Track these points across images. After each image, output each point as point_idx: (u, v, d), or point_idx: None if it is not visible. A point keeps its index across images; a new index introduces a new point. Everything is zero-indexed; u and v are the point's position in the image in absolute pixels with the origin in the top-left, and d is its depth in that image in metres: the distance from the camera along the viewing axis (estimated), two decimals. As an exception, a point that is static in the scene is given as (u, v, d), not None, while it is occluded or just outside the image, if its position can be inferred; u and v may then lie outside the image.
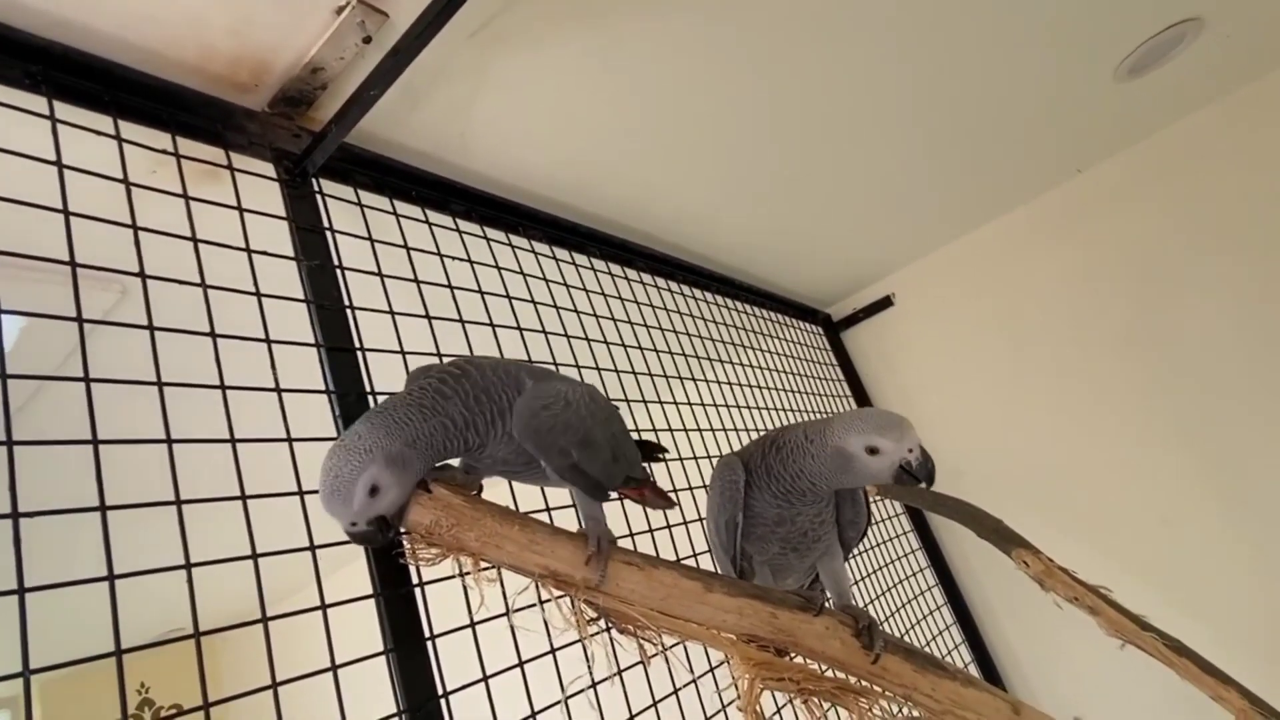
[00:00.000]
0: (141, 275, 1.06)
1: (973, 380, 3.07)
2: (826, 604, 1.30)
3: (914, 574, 2.84)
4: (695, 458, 2.02)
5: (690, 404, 2.16)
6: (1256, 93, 2.49)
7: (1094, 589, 1.68)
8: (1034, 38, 1.96)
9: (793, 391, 2.82)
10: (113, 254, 1.08)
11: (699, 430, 2.12)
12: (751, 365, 2.66)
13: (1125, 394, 2.69)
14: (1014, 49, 1.98)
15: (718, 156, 2.09)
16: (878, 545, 2.70)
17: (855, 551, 2.50)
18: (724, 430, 2.24)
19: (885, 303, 3.32)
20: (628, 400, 1.85)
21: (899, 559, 2.79)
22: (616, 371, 1.87)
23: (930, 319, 3.22)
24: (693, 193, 2.23)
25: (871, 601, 2.46)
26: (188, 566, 0.91)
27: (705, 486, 1.96)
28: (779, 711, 1.67)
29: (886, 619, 2.48)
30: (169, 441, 0.95)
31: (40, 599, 0.82)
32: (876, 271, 3.31)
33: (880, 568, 2.62)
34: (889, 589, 2.60)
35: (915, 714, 1.24)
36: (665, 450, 1.52)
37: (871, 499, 2.60)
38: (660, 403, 2.01)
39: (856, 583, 2.44)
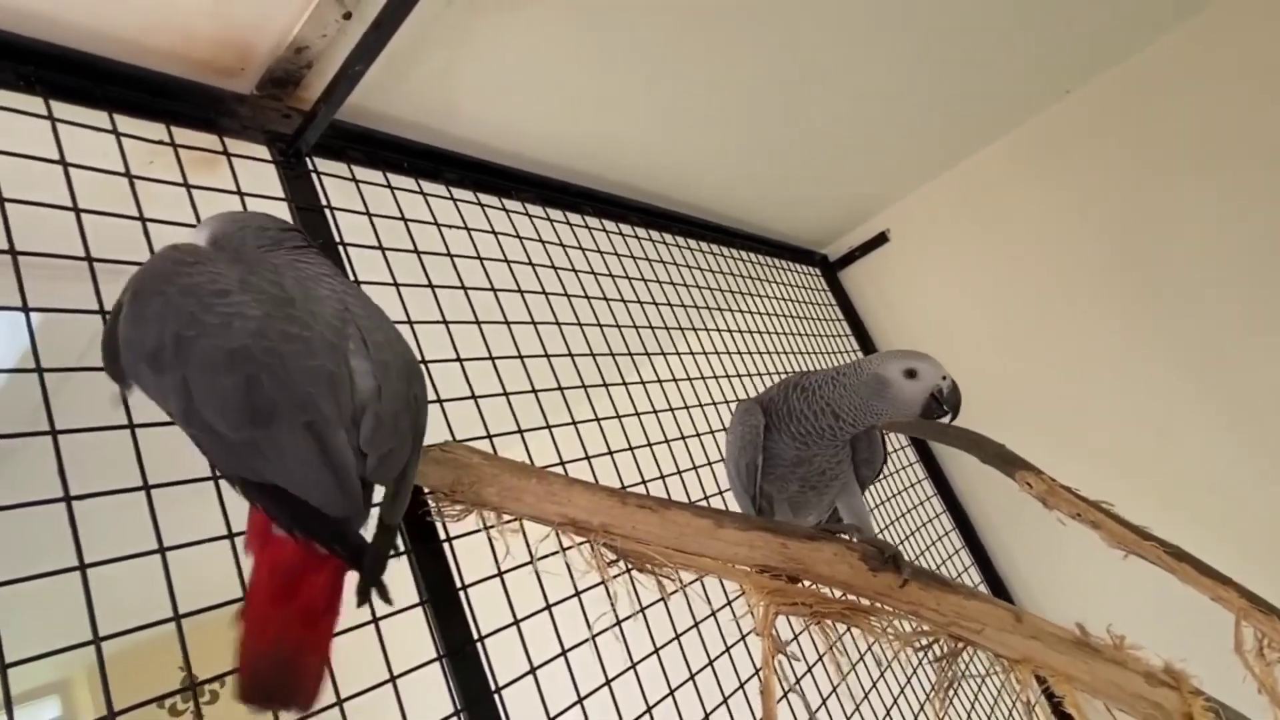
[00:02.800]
0: (153, 265, 1.10)
1: (969, 309, 3.10)
2: (851, 536, 1.35)
3: (922, 502, 2.92)
4: (700, 405, 2.07)
5: (693, 353, 2.20)
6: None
7: (1096, 504, 1.73)
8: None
9: (794, 334, 2.85)
10: (123, 249, 1.11)
11: (703, 379, 2.16)
12: (752, 311, 2.69)
13: (1119, 312, 2.72)
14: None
15: (706, 105, 2.08)
16: (886, 477, 2.76)
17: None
18: (729, 377, 2.29)
19: (880, 239, 3.32)
20: (631, 354, 1.89)
21: (907, 489, 2.87)
22: (618, 327, 1.91)
23: (926, 251, 3.23)
24: (682, 143, 2.23)
25: (883, 530, 2.54)
26: (161, 551, 0.95)
27: (712, 432, 2.02)
28: (796, 638, 1.75)
29: (898, 546, 2.56)
30: (131, 427, 0.98)
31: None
32: (870, 208, 3.30)
33: (890, 498, 2.70)
34: (899, 517, 2.68)
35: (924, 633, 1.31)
36: None
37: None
38: (663, 355, 2.05)
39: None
